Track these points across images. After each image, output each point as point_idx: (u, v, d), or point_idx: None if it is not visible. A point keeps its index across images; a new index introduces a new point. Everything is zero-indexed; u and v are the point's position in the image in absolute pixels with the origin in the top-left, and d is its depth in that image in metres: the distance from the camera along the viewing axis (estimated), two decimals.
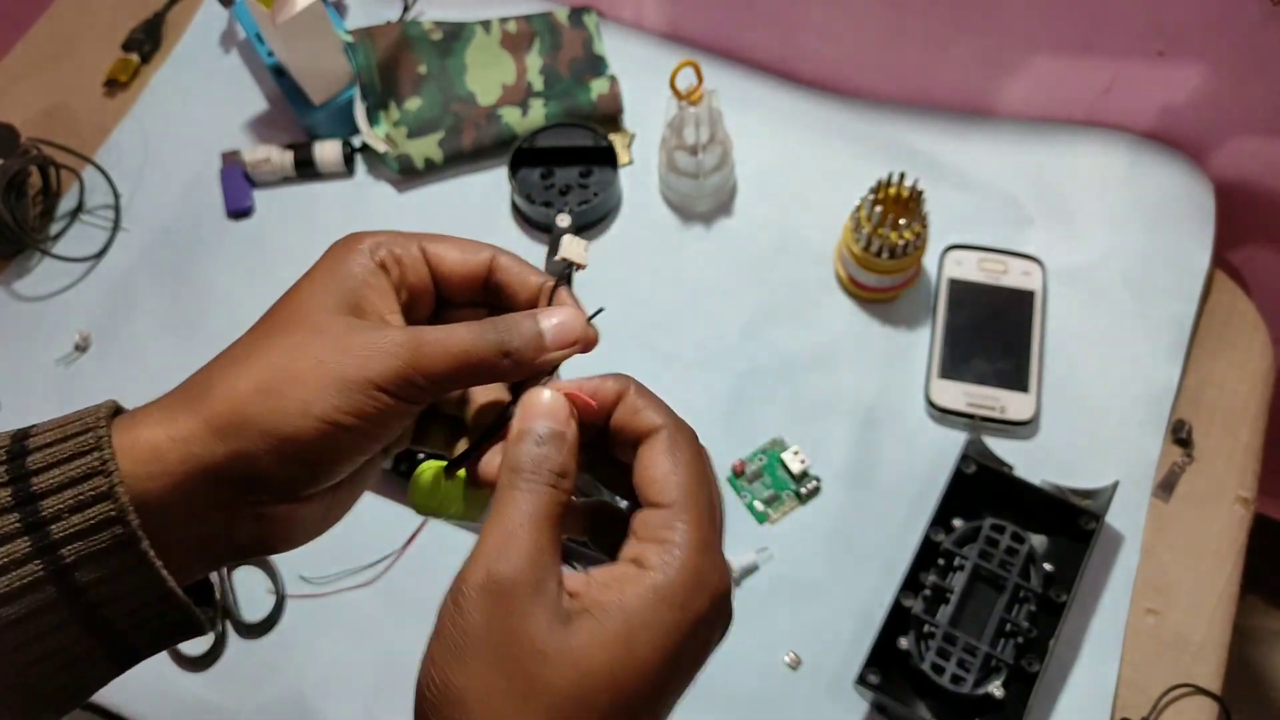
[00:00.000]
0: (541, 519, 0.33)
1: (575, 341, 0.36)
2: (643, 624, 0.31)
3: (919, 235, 0.69)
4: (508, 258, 0.39)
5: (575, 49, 0.85)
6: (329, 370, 0.33)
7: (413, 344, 0.33)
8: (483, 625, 0.31)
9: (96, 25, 0.94)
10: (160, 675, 0.67)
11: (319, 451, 0.33)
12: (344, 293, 0.35)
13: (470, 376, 0.35)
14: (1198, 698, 0.63)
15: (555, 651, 0.30)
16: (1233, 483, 0.69)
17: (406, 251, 0.37)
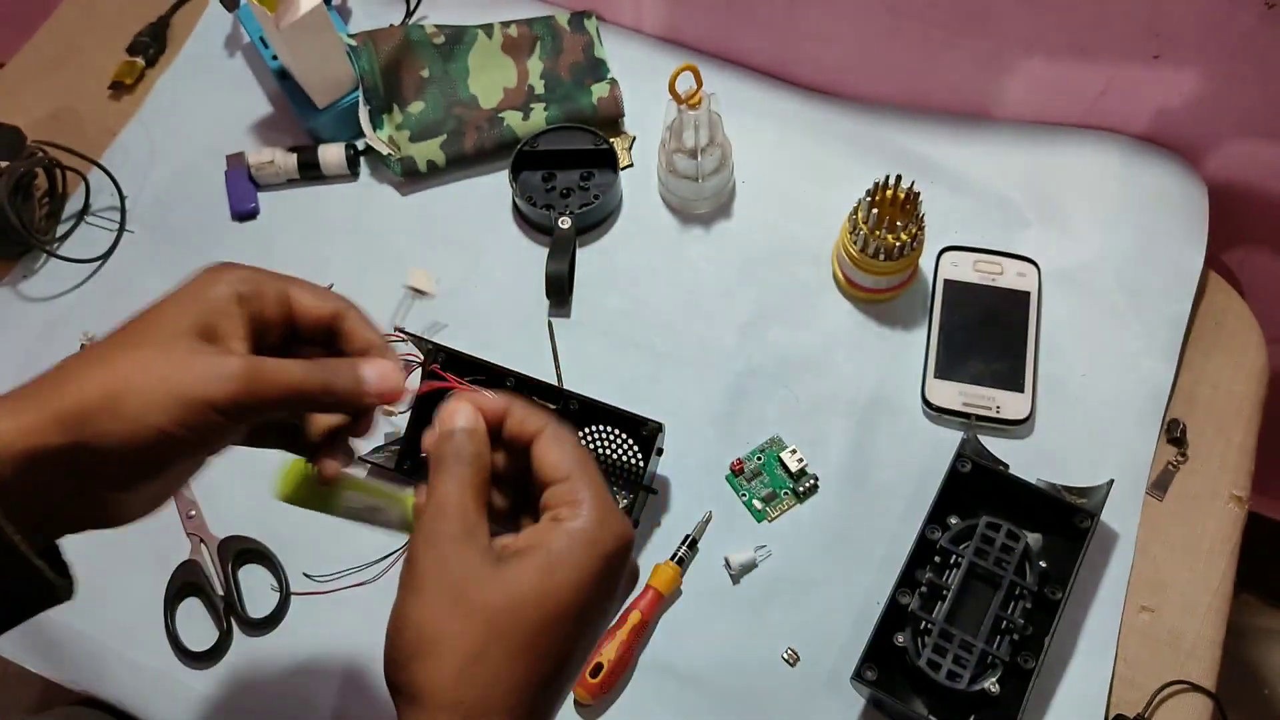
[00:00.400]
0: (465, 489, 0.40)
1: (390, 391, 0.44)
2: (560, 558, 0.38)
3: (915, 237, 0.70)
4: (355, 313, 0.45)
5: (576, 53, 0.86)
6: (170, 387, 0.38)
7: (249, 373, 0.39)
8: (430, 568, 0.39)
9: (102, 28, 0.95)
10: (165, 671, 0.67)
11: (152, 455, 0.39)
12: (199, 316, 0.40)
13: (296, 406, 0.42)
14: (1192, 695, 0.64)
15: (489, 579, 0.38)
16: (1226, 481, 0.69)
17: (270, 288, 0.43)
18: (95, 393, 0.38)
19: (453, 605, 0.38)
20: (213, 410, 0.38)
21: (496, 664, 0.37)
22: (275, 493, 0.47)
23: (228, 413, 0.39)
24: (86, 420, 0.38)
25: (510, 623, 0.37)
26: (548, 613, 0.38)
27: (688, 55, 0.86)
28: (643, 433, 0.67)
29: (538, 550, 0.39)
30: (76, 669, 0.68)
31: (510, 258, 0.80)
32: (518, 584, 0.38)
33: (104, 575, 0.71)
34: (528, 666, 0.38)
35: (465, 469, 0.41)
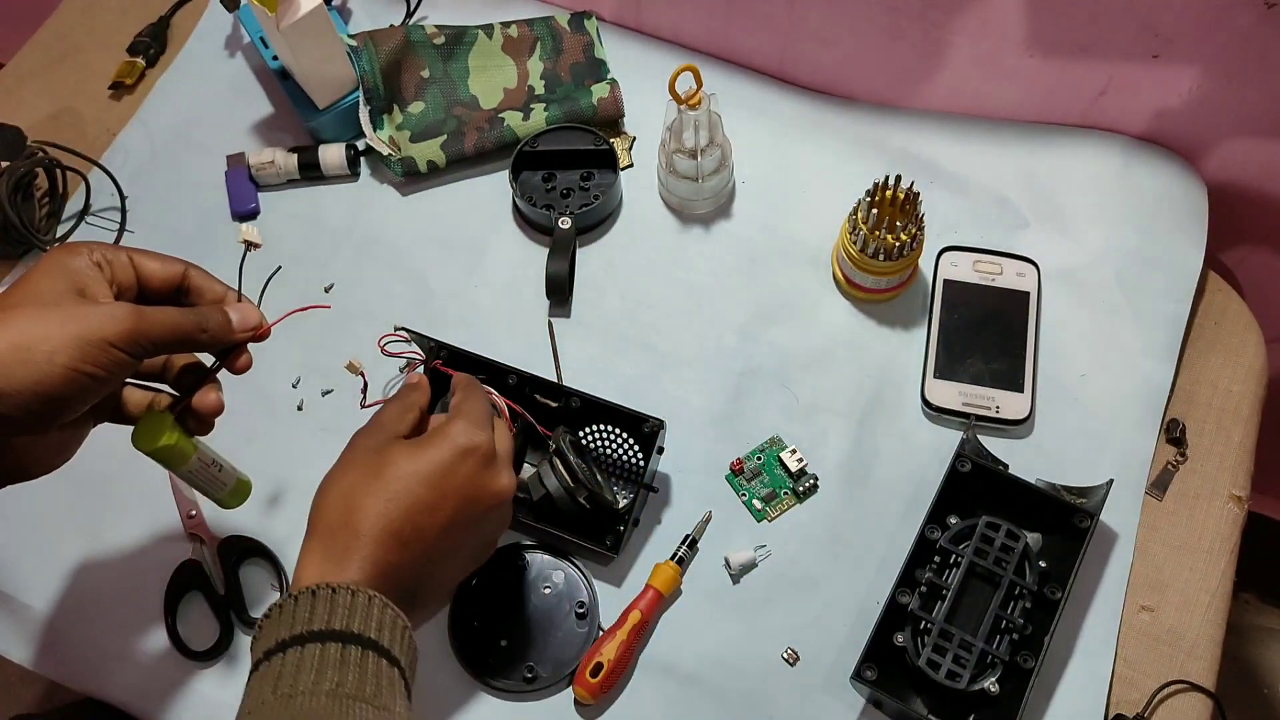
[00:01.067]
0: (396, 411, 0.57)
1: (254, 328, 0.55)
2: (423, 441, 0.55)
3: (915, 237, 0.70)
4: (198, 271, 0.55)
5: (576, 53, 0.86)
6: (71, 330, 0.46)
7: (137, 313, 0.48)
8: (348, 446, 0.56)
9: (102, 29, 0.95)
10: (166, 670, 0.67)
11: (61, 392, 0.46)
12: (69, 281, 0.48)
13: (177, 343, 0.51)
14: (1192, 694, 0.64)
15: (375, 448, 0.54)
16: (1226, 481, 0.69)
17: (117, 258, 0.51)
18: (3, 347, 0.45)
19: (347, 462, 0.54)
20: (111, 346, 0.47)
21: (357, 500, 0.51)
22: (136, 443, 0.54)
23: (125, 348, 0.47)
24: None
25: (374, 478, 0.52)
26: (401, 479, 0.52)
27: (688, 55, 0.86)
28: (644, 430, 0.67)
29: (415, 440, 0.55)
30: (78, 669, 0.68)
31: (510, 258, 0.80)
32: (387, 455, 0.53)
33: (105, 575, 0.71)
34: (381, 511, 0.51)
35: (402, 401, 0.58)
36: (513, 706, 0.65)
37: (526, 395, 0.69)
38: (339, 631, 0.47)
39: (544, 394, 0.69)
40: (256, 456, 0.74)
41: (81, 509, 0.73)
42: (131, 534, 0.72)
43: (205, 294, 0.54)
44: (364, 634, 0.47)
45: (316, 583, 0.48)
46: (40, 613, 0.70)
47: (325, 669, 0.46)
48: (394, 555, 0.51)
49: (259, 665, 0.47)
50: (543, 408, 0.69)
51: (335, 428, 0.74)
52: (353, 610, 0.48)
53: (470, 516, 0.54)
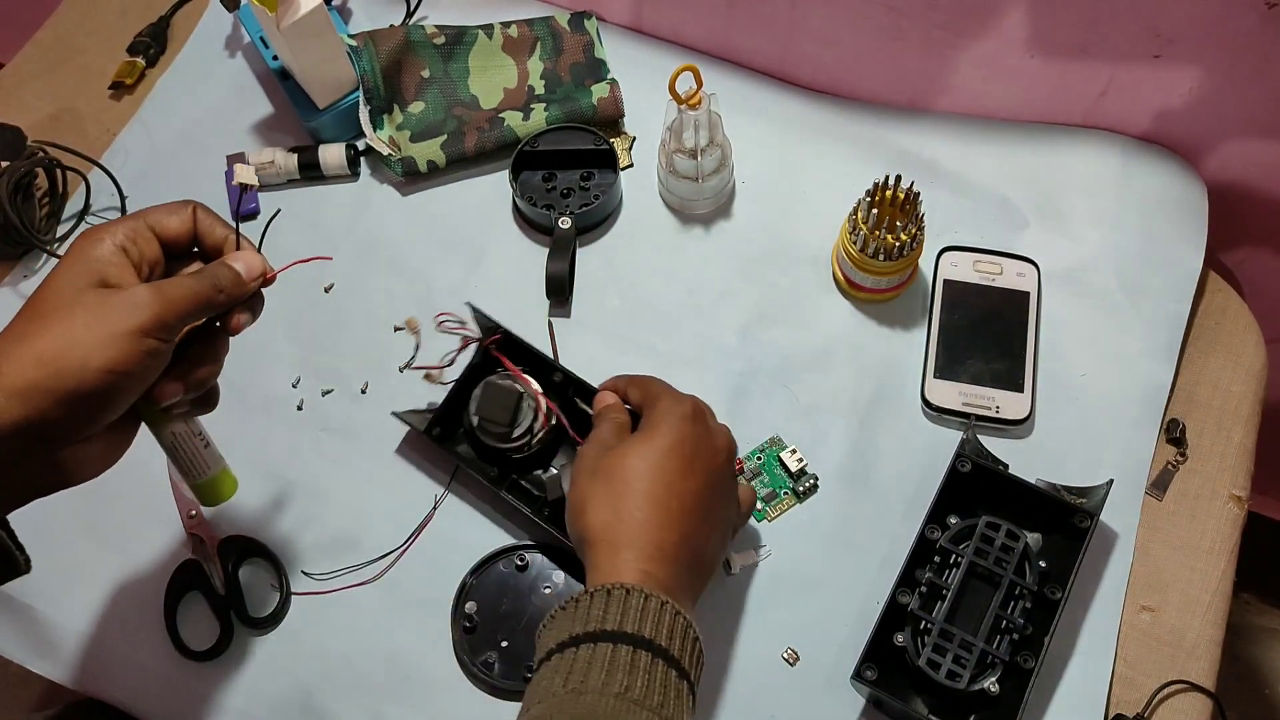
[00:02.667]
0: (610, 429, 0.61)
1: (261, 275, 0.53)
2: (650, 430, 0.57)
3: (915, 237, 0.70)
4: (202, 211, 0.53)
5: (576, 53, 0.86)
6: (98, 330, 0.44)
7: (157, 294, 0.46)
8: (583, 461, 0.58)
9: (102, 29, 0.95)
10: (166, 671, 0.67)
11: (101, 396, 0.45)
12: (90, 273, 0.46)
13: (201, 311, 0.49)
14: (1192, 694, 0.64)
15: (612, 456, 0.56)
16: (1226, 481, 0.69)
17: (139, 232, 0.49)
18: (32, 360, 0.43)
19: (590, 479, 0.56)
20: (143, 335, 0.45)
21: (625, 508, 0.53)
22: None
23: (155, 333, 0.46)
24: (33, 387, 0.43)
25: (627, 477, 0.54)
26: (651, 464, 0.55)
27: (688, 55, 0.86)
28: None
29: (639, 432, 0.58)
30: (77, 669, 0.68)
31: (510, 258, 0.80)
32: (628, 452, 0.56)
33: (105, 575, 0.71)
34: (648, 504, 0.53)
35: (608, 421, 0.61)
36: (513, 707, 0.65)
37: (567, 396, 0.70)
38: (630, 635, 0.48)
39: (583, 398, 0.69)
40: (255, 457, 0.74)
41: (82, 509, 0.73)
42: (132, 534, 0.72)
43: (210, 236, 0.53)
44: (655, 640, 0.48)
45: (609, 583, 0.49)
46: (40, 613, 0.70)
47: (615, 670, 0.47)
48: (668, 533, 0.53)
49: (550, 656, 0.49)
50: (580, 414, 0.69)
51: (335, 428, 0.74)
52: (644, 615, 0.49)
53: (719, 475, 0.57)
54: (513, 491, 0.69)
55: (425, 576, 0.69)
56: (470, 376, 0.72)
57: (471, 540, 0.69)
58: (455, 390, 0.71)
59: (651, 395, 0.60)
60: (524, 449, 0.69)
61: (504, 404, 0.67)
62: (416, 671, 0.67)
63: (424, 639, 0.67)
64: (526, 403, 0.68)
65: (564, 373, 0.70)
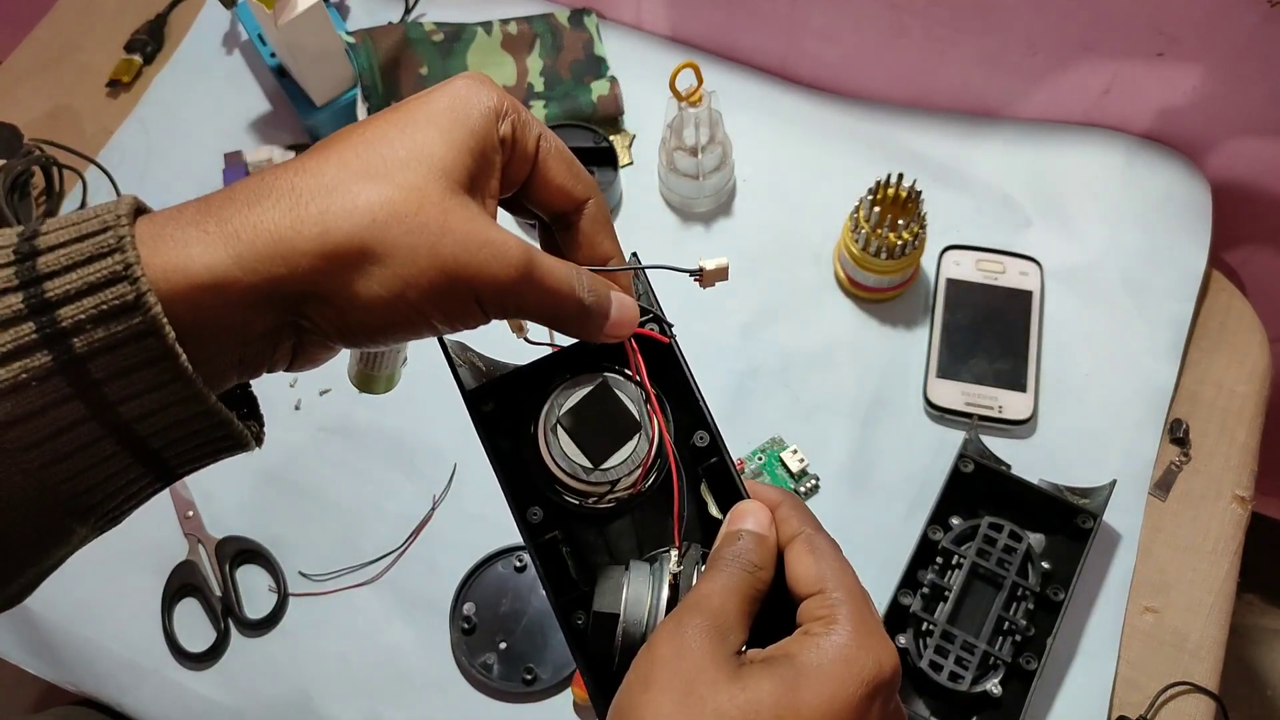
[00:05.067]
0: (733, 592, 0.35)
1: (625, 335, 0.37)
2: (808, 673, 0.32)
3: (917, 236, 0.69)
4: (599, 208, 0.37)
5: (576, 50, 0.85)
6: (440, 262, 0.30)
7: (529, 265, 0.31)
8: (667, 658, 0.33)
9: (99, 26, 0.94)
10: (162, 672, 0.67)
11: (387, 328, 0.31)
12: (467, 157, 0.32)
13: (546, 315, 0.34)
14: (1195, 695, 0.63)
15: (726, 683, 0.32)
16: (1229, 481, 0.69)
17: (525, 138, 0.34)
18: (344, 241, 0.29)
19: (682, 705, 0.32)
20: (475, 298, 0.31)
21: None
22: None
23: (487, 304, 0.32)
24: (328, 273, 0.29)
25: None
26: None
27: (688, 53, 0.86)
28: None
29: (784, 661, 0.33)
30: (75, 670, 0.68)
31: None
32: (757, 694, 0.32)
33: (102, 577, 0.70)
34: None
35: (741, 574, 0.35)
36: (512, 708, 0.65)
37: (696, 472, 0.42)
38: None
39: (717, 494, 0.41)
40: (253, 456, 0.73)
41: None
42: (128, 535, 0.71)
43: (590, 246, 0.37)
44: None
45: None
46: (37, 614, 0.69)
47: None
48: None
49: None
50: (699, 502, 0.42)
51: (333, 428, 0.74)
52: None
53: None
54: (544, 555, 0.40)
55: (423, 577, 0.68)
56: (572, 360, 0.41)
57: (470, 541, 0.68)
58: (540, 366, 0.42)
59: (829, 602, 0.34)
60: (587, 499, 0.40)
61: (610, 426, 0.40)
62: (414, 673, 0.66)
63: (422, 640, 0.67)
64: (639, 443, 0.40)
65: (714, 437, 0.41)
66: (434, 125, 0.31)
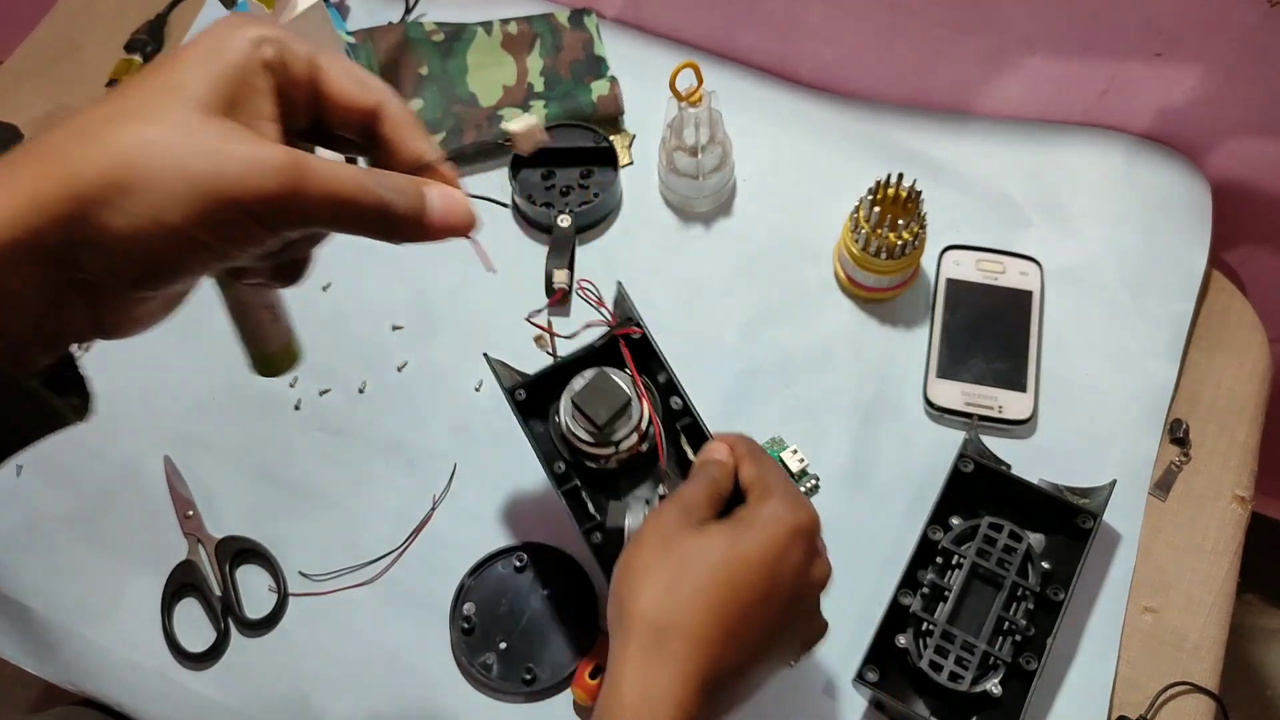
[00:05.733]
0: (700, 489, 0.51)
1: (458, 227, 0.36)
2: (746, 525, 0.48)
3: (917, 236, 0.69)
4: (398, 108, 0.37)
5: (576, 50, 0.86)
6: (191, 179, 0.30)
7: (293, 171, 0.31)
8: (652, 527, 0.49)
9: (99, 26, 0.94)
10: (162, 672, 0.67)
11: (162, 262, 0.31)
12: (221, 84, 0.32)
13: (340, 222, 0.33)
14: (1195, 696, 0.63)
15: (690, 535, 0.48)
16: (1229, 482, 0.69)
17: (295, 58, 0.34)
18: (94, 178, 0.29)
19: (658, 550, 0.47)
20: (243, 212, 0.31)
21: (684, 595, 0.45)
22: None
23: (261, 218, 0.31)
24: (83, 213, 0.29)
25: (698, 567, 0.46)
26: (731, 566, 0.46)
27: (688, 53, 0.86)
28: None
29: (732, 521, 0.49)
30: (74, 670, 0.68)
31: (509, 256, 0.80)
32: (710, 540, 0.47)
33: (102, 576, 0.70)
34: (710, 605, 0.45)
35: (706, 479, 0.51)
36: (511, 709, 0.65)
37: (675, 428, 0.62)
38: None
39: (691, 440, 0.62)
40: (252, 456, 0.73)
41: (79, 509, 0.73)
42: (127, 534, 0.72)
43: (400, 151, 0.37)
44: None
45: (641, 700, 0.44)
46: (37, 614, 0.69)
47: None
48: (724, 656, 0.46)
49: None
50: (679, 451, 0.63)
51: (333, 428, 0.74)
52: None
53: (803, 609, 0.49)
54: (569, 498, 0.61)
55: (423, 577, 0.68)
56: (582, 360, 0.63)
57: (470, 541, 0.68)
58: (559, 367, 0.63)
59: (765, 485, 0.51)
60: (604, 460, 0.60)
61: (609, 402, 0.59)
62: (414, 673, 0.66)
63: (422, 640, 0.67)
64: (632, 412, 0.59)
65: (685, 401, 0.61)
66: (185, 61, 0.32)
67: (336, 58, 0.36)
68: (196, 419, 0.75)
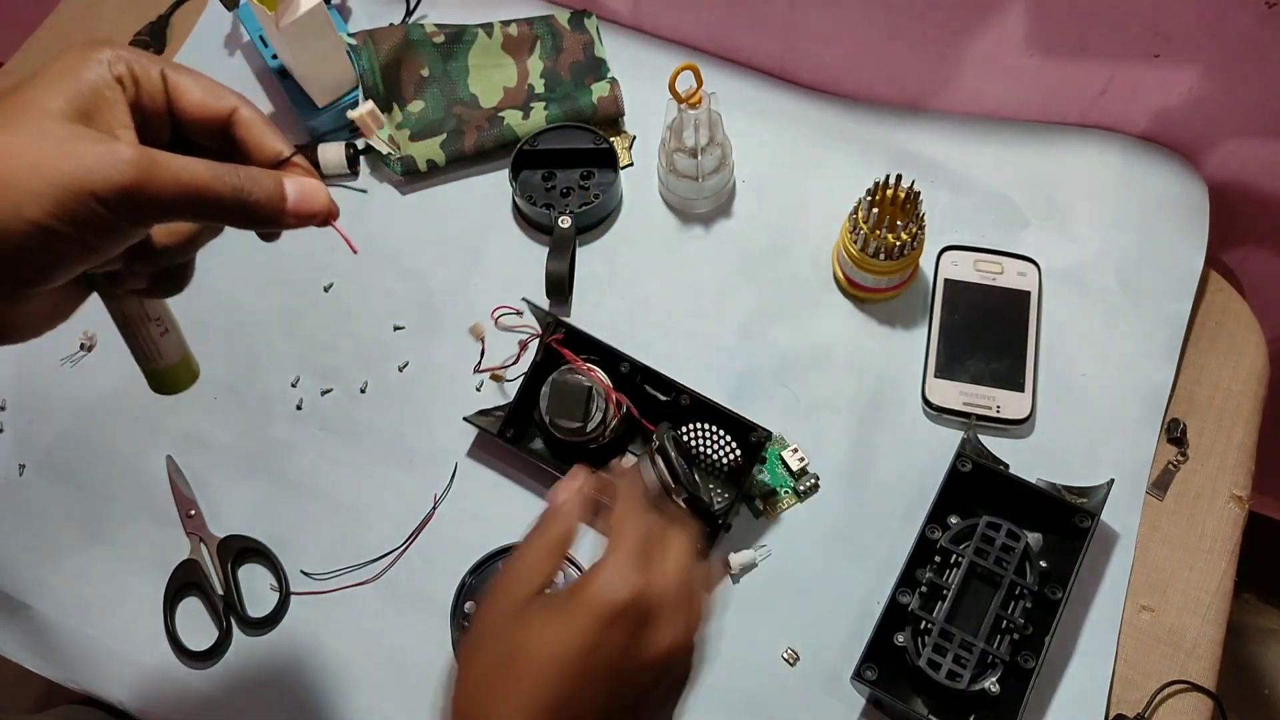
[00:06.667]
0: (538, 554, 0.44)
1: (317, 213, 0.39)
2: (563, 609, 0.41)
3: (915, 236, 0.69)
4: (251, 112, 0.40)
5: (576, 52, 0.86)
6: (46, 175, 0.33)
7: (143, 163, 0.34)
8: (481, 610, 0.44)
9: (101, 28, 0.94)
10: (164, 671, 0.67)
11: (29, 256, 0.34)
12: (75, 97, 0.35)
13: (198, 211, 0.36)
14: (1192, 694, 0.64)
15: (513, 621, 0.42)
16: (1226, 481, 0.69)
17: (146, 73, 0.37)
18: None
19: (473, 648, 0.43)
20: (98, 203, 0.33)
21: (495, 693, 0.40)
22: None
23: (117, 208, 0.34)
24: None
25: (509, 665, 0.41)
26: (541, 664, 0.40)
27: (688, 54, 0.86)
28: (750, 440, 0.67)
29: (559, 600, 0.42)
30: (76, 669, 0.68)
31: (510, 257, 0.80)
32: (525, 629, 0.41)
33: (104, 575, 0.71)
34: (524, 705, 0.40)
35: (544, 539, 0.45)
36: None
37: (636, 384, 0.70)
38: None
39: (655, 386, 0.69)
40: (254, 456, 0.74)
41: (80, 508, 0.73)
42: (130, 533, 0.72)
43: (257, 151, 0.40)
44: None
45: None
46: (39, 613, 0.70)
47: None
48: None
49: None
50: (649, 399, 0.69)
51: (335, 427, 0.74)
52: None
53: (631, 697, 0.42)
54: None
55: (425, 576, 0.69)
56: (536, 373, 0.71)
57: (471, 540, 0.69)
58: (523, 389, 0.70)
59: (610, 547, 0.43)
60: (600, 439, 0.69)
61: (574, 400, 0.67)
62: (416, 671, 0.66)
63: (423, 639, 0.67)
64: (596, 395, 0.68)
65: (631, 362, 0.69)
66: (41, 79, 0.35)
67: (189, 72, 0.39)
68: (199, 419, 0.75)
